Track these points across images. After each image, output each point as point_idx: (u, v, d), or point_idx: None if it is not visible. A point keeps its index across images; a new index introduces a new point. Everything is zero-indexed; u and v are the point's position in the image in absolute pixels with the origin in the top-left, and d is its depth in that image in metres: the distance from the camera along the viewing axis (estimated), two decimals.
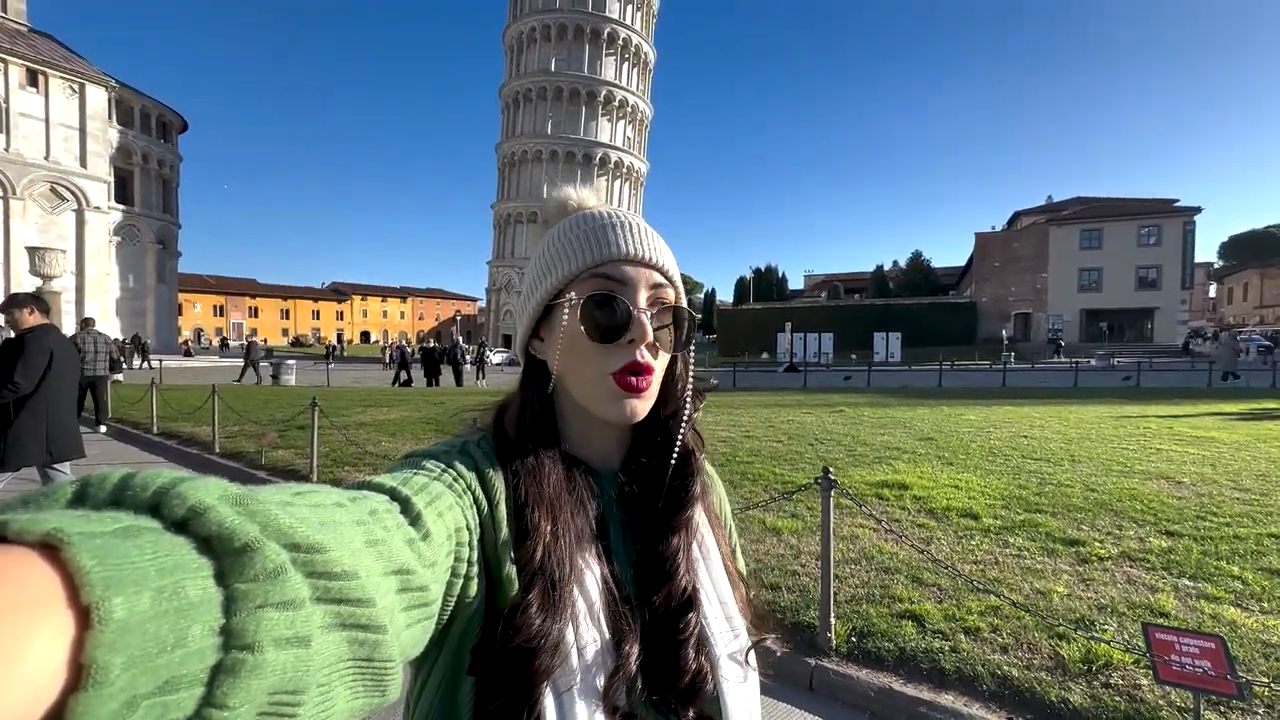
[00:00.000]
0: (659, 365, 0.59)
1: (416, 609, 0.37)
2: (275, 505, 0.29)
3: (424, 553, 0.40)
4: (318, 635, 0.28)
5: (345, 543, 0.32)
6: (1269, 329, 44.02)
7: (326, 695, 0.29)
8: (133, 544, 0.22)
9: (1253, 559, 3.62)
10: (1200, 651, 2.08)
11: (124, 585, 0.21)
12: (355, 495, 0.39)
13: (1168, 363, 28.23)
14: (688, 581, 0.58)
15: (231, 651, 0.24)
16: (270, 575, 0.26)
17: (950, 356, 28.34)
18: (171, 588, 0.22)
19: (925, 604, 3.11)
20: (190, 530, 0.25)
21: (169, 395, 10.94)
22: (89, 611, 0.20)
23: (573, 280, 0.59)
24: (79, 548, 0.20)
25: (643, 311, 0.58)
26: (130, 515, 0.24)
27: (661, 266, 0.61)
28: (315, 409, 6.19)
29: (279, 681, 0.25)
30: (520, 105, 47.69)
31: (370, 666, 0.32)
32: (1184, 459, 6.44)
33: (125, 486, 0.26)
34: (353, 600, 0.30)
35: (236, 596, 0.25)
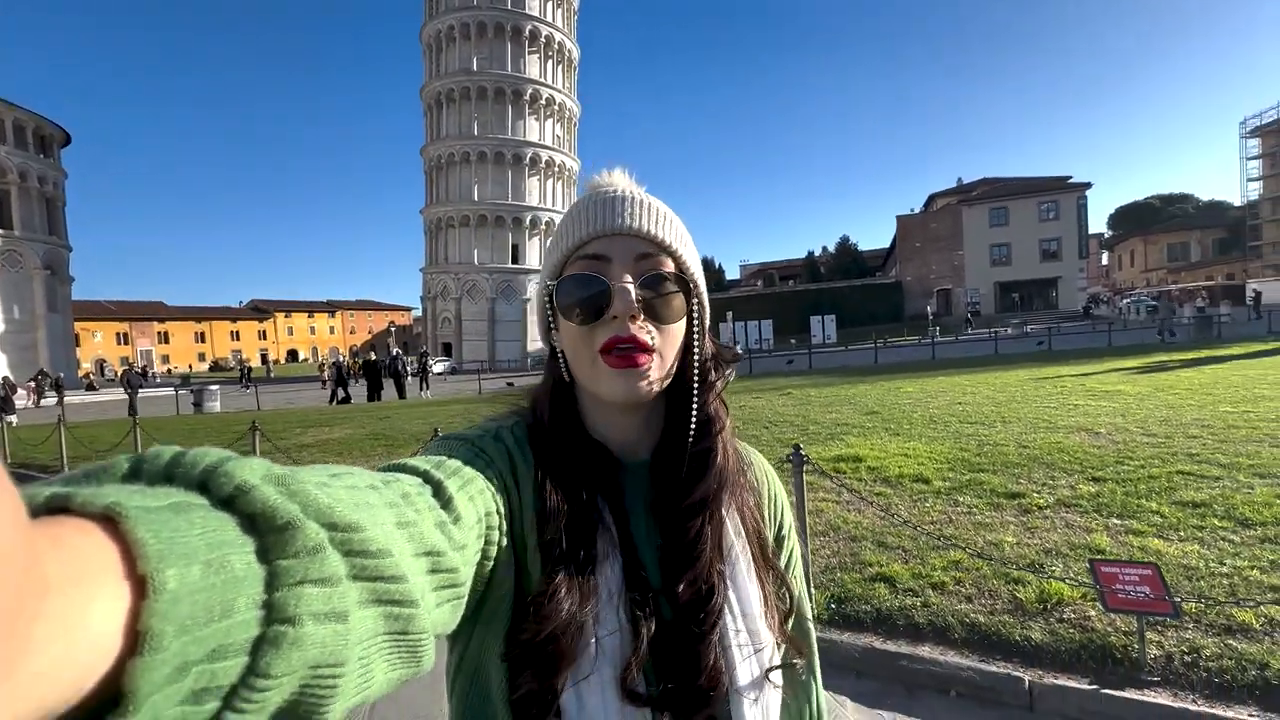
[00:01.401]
0: (661, 338, 0.57)
1: (446, 589, 0.38)
2: (314, 486, 0.30)
3: (454, 535, 0.41)
4: (354, 610, 0.29)
5: (379, 523, 0.33)
6: (1155, 290, 48.73)
7: (366, 667, 0.30)
8: (184, 519, 0.23)
9: (1166, 495, 4.03)
10: (1140, 579, 2.31)
11: (176, 558, 0.22)
12: (389, 478, 0.40)
13: (1073, 327, 30.73)
14: (711, 569, 0.56)
15: (274, 624, 0.25)
16: (310, 552, 0.27)
17: (882, 335, 29.73)
18: (219, 561, 0.23)
19: (893, 565, 3.29)
20: (236, 507, 0.26)
21: (78, 433, 10.02)
22: (144, 581, 0.21)
23: (562, 267, 0.59)
24: (136, 521, 0.21)
25: (624, 285, 0.55)
26: (181, 491, 0.25)
27: (649, 235, 0.58)
28: (256, 433, 5.85)
29: (319, 654, 0.26)
30: (443, 106, 46.22)
31: (405, 639, 0.33)
32: (1098, 412, 7.06)
33: (177, 463, 0.27)
34: (386, 577, 0.31)
35: (278, 572, 0.26)
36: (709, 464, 0.59)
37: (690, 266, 0.61)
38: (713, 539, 0.57)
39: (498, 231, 45.69)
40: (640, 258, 0.58)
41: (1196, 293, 38.58)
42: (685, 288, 0.59)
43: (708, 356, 0.63)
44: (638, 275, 0.57)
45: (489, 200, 45.33)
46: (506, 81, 45.19)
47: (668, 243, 0.59)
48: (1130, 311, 37.48)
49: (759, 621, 0.57)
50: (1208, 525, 3.48)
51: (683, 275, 0.59)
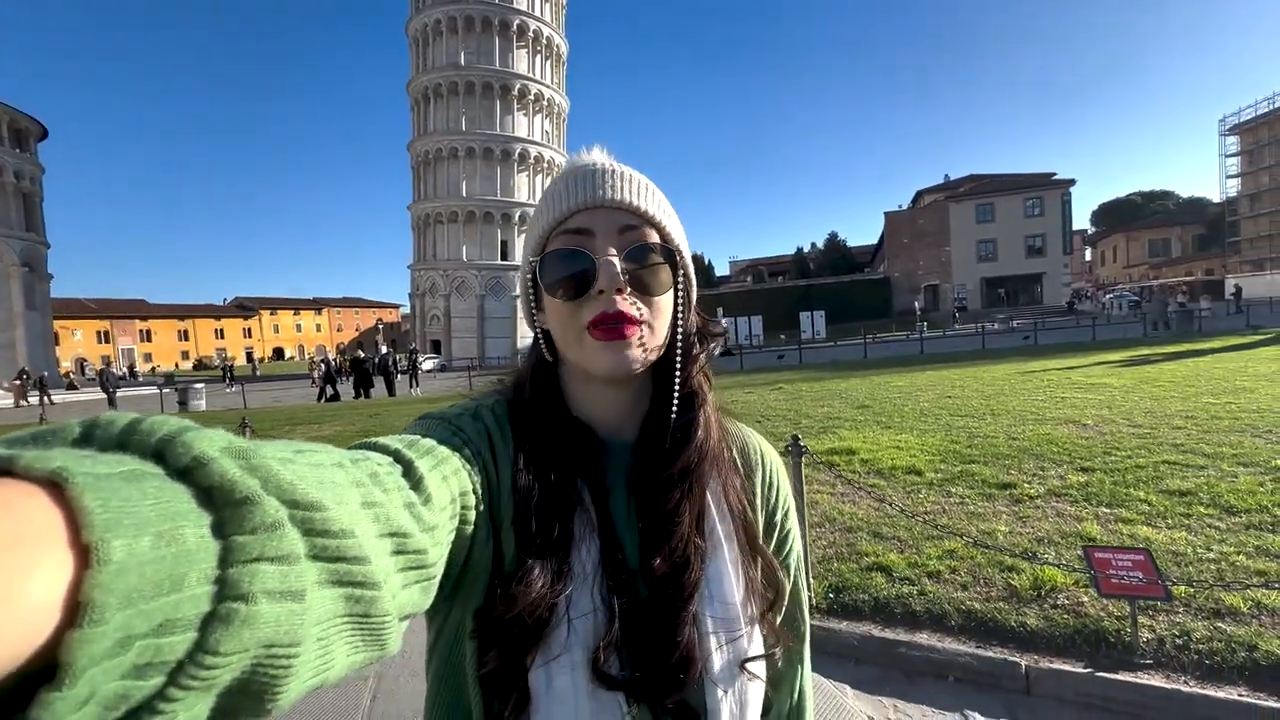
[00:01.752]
0: (650, 310, 0.56)
1: (413, 570, 0.37)
2: (276, 461, 0.29)
3: (423, 517, 0.40)
4: (312, 590, 0.28)
5: (342, 502, 0.32)
6: (1137, 285, 49.52)
7: (325, 648, 0.29)
8: (135, 488, 0.22)
9: (1154, 484, 4.11)
10: (1132, 564, 2.36)
11: (124, 528, 0.21)
12: (357, 456, 0.39)
13: (1057, 321, 31.13)
14: (689, 540, 0.55)
15: (225, 601, 0.24)
16: (267, 529, 0.26)
17: (870, 329, 29.99)
18: (170, 533, 0.23)
19: (889, 555, 3.32)
20: (192, 479, 0.25)
21: None
22: (89, 551, 0.20)
23: (544, 243, 0.58)
24: (83, 488, 0.20)
25: (609, 258, 0.54)
26: (135, 459, 0.24)
27: (631, 206, 0.57)
28: (246, 429, 5.78)
29: (273, 634, 0.26)
30: (431, 101, 45.79)
31: (367, 622, 0.32)
32: (1085, 404, 7.17)
33: (132, 430, 0.26)
34: (348, 558, 0.31)
35: (233, 548, 0.25)
36: (690, 436, 0.58)
37: (675, 237, 0.60)
38: (691, 512, 0.56)
39: (486, 228, 45.40)
40: (624, 230, 0.56)
41: (1177, 288, 39.25)
42: (670, 259, 0.58)
43: (692, 330, 0.62)
44: (622, 248, 0.56)
45: (477, 196, 45.03)
46: (494, 76, 44.85)
47: (651, 214, 0.58)
48: (1113, 306, 38.07)
49: (736, 609, 0.55)
50: (1194, 513, 3.55)
51: (668, 246, 0.58)
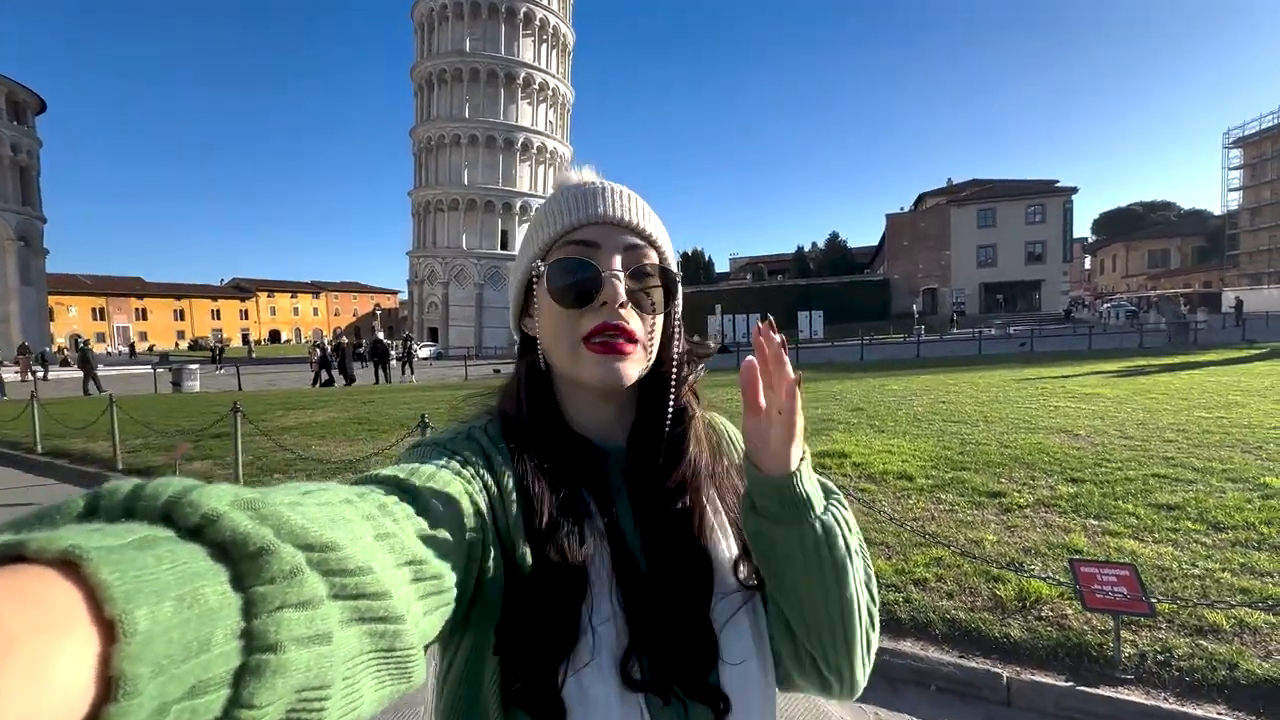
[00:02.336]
0: (644, 328, 0.58)
1: (432, 597, 0.38)
2: (285, 507, 0.29)
3: (435, 542, 0.40)
4: (337, 631, 0.28)
5: (357, 539, 0.32)
6: (1134, 295, 49.66)
7: (353, 687, 0.30)
8: (150, 554, 0.23)
9: (1143, 497, 4.12)
10: (1118, 579, 2.36)
11: (145, 596, 0.21)
12: (363, 490, 0.39)
13: (1054, 329, 31.29)
14: (696, 545, 0.57)
15: (255, 653, 0.24)
16: (287, 576, 0.27)
17: (868, 331, 30.01)
18: (191, 595, 0.23)
19: (877, 561, 3.32)
20: (205, 537, 0.26)
21: (52, 410, 9.79)
22: (113, 625, 0.20)
23: (547, 251, 0.59)
24: (98, 562, 0.20)
25: (615, 273, 0.56)
26: (144, 526, 0.25)
27: (637, 227, 0.59)
28: (238, 414, 5.74)
29: (304, 679, 0.26)
30: (435, 87, 45.49)
31: (392, 656, 0.33)
32: (1078, 414, 7.19)
33: (137, 497, 0.26)
34: (369, 594, 0.31)
35: (255, 599, 0.25)
36: (684, 450, 0.61)
37: (671, 262, 0.62)
38: (692, 518, 0.59)
39: (487, 216, 45.27)
40: (628, 248, 0.59)
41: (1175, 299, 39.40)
42: (667, 282, 0.60)
43: (684, 351, 0.64)
44: (626, 266, 0.58)
45: (479, 184, 44.86)
46: (499, 64, 44.57)
47: (653, 236, 0.61)
48: (1110, 316, 38.20)
49: (740, 592, 0.58)
50: (1181, 528, 3.56)
51: (666, 269, 0.61)
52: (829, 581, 0.53)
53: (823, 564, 0.52)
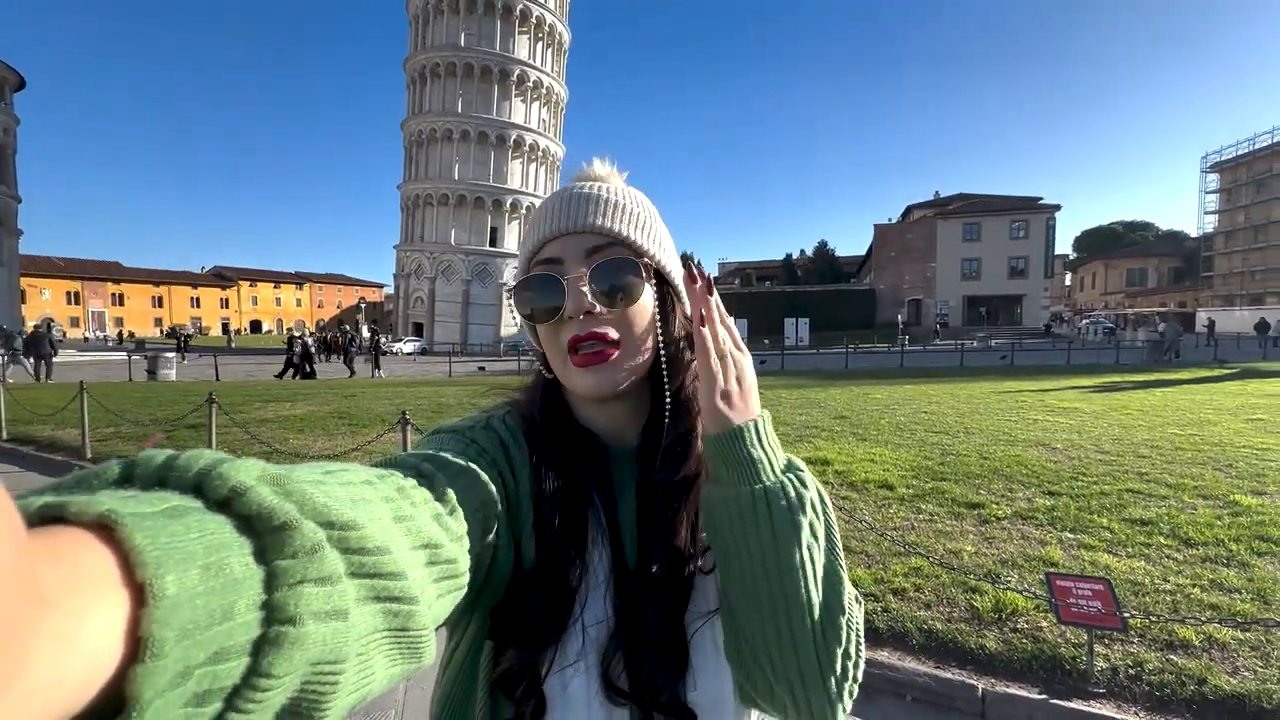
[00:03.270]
0: (625, 326, 0.56)
1: (446, 580, 0.39)
2: (310, 484, 0.30)
3: (451, 527, 0.41)
4: (354, 608, 0.29)
5: (376, 519, 0.33)
6: (1113, 313, 50.72)
7: (366, 663, 0.30)
8: (180, 523, 0.23)
9: (1117, 511, 4.18)
10: (1093, 593, 2.38)
11: (174, 563, 0.22)
12: (383, 473, 0.40)
13: (1034, 343, 31.83)
14: (684, 549, 0.56)
15: (274, 625, 0.25)
16: (308, 552, 0.27)
17: (853, 340, 30.36)
18: (217, 564, 0.24)
19: (856, 570, 3.33)
20: (232, 509, 0.26)
21: (19, 396, 9.52)
22: (143, 588, 0.21)
23: (525, 275, 0.60)
24: (132, 528, 0.21)
25: (576, 282, 0.55)
26: (176, 495, 0.25)
27: (599, 228, 0.57)
28: (213, 405, 5.62)
29: (320, 652, 0.27)
30: (427, 81, 45.10)
31: (405, 636, 0.33)
32: (1056, 427, 7.30)
33: (170, 467, 0.27)
34: (385, 574, 0.32)
35: (277, 573, 0.26)
36: (690, 447, 0.58)
37: (646, 247, 0.59)
38: (688, 520, 0.57)
39: (477, 213, 44.95)
40: (591, 252, 0.57)
41: (1150, 317, 40.27)
42: (640, 269, 0.58)
43: (680, 336, 0.61)
44: (590, 268, 0.57)
45: (469, 180, 44.53)
46: (494, 60, 44.32)
47: (618, 231, 0.58)
48: (1088, 332, 38.97)
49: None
50: (1154, 543, 3.61)
51: (635, 259, 0.58)
52: (769, 548, 0.46)
53: (761, 525, 0.47)
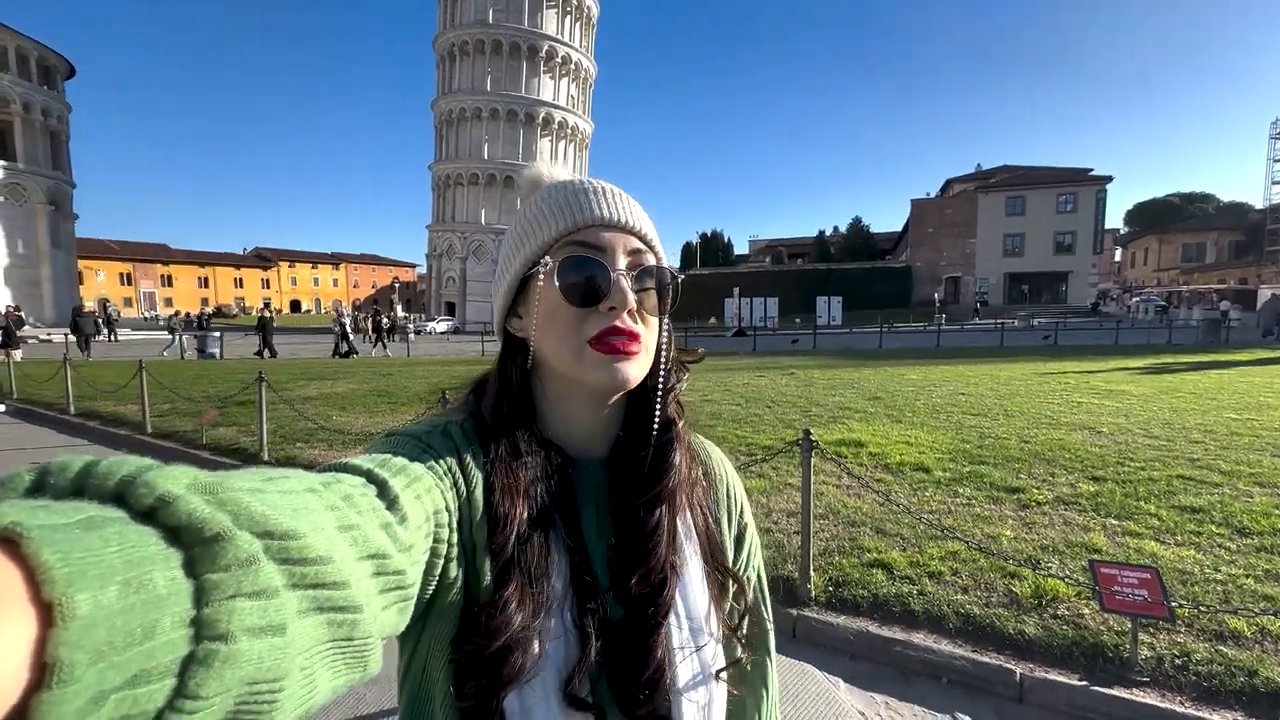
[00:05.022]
0: (646, 331, 0.58)
1: (393, 591, 0.38)
2: (246, 493, 0.28)
3: (400, 536, 0.40)
4: (293, 621, 0.28)
5: (318, 528, 0.31)
6: (1165, 290, 48.28)
7: (309, 677, 0.29)
8: (97, 535, 0.22)
9: (1166, 498, 4.06)
10: (1139, 582, 2.34)
11: (88, 580, 0.20)
12: (329, 479, 0.38)
13: (1079, 322, 30.57)
14: (666, 560, 0.56)
15: (204, 642, 0.23)
16: (242, 564, 0.26)
17: (888, 319, 29.61)
18: (139, 580, 0.22)
19: (891, 553, 3.33)
20: (158, 520, 0.25)
21: (84, 373, 10.08)
22: (52, 608, 0.19)
23: (548, 249, 0.58)
24: (40, 542, 0.20)
25: (623, 275, 0.56)
26: (94, 505, 0.24)
27: (639, 231, 0.59)
28: (262, 384, 5.86)
29: (255, 670, 0.25)
30: (457, 59, 45.06)
31: (350, 645, 0.32)
32: (1101, 410, 7.06)
33: (88, 474, 0.25)
34: (328, 584, 0.30)
35: (207, 587, 0.24)
36: (668, 460, 0.60)
37: (665, 264, 0.62)
38: (668, 532, 0.57)
39: (506, 192, 45.06)
40: (632, 252, 0.58)
41: (1208, 295, 38.18)
42: (665, 286, 0.59)
43: (674, 359, 0.63)
44: (630, 269, 0.57)
45: (499, 159, 44.61)
46: (522, 36, 43.96)
47: (652, 240, 0.61)
48: (1139, 310, 37.20)
49: (702, 621, 0.58)
50: (1205, 531, 3.50)
51: (663, 273, 0.60)
52: None
53: None
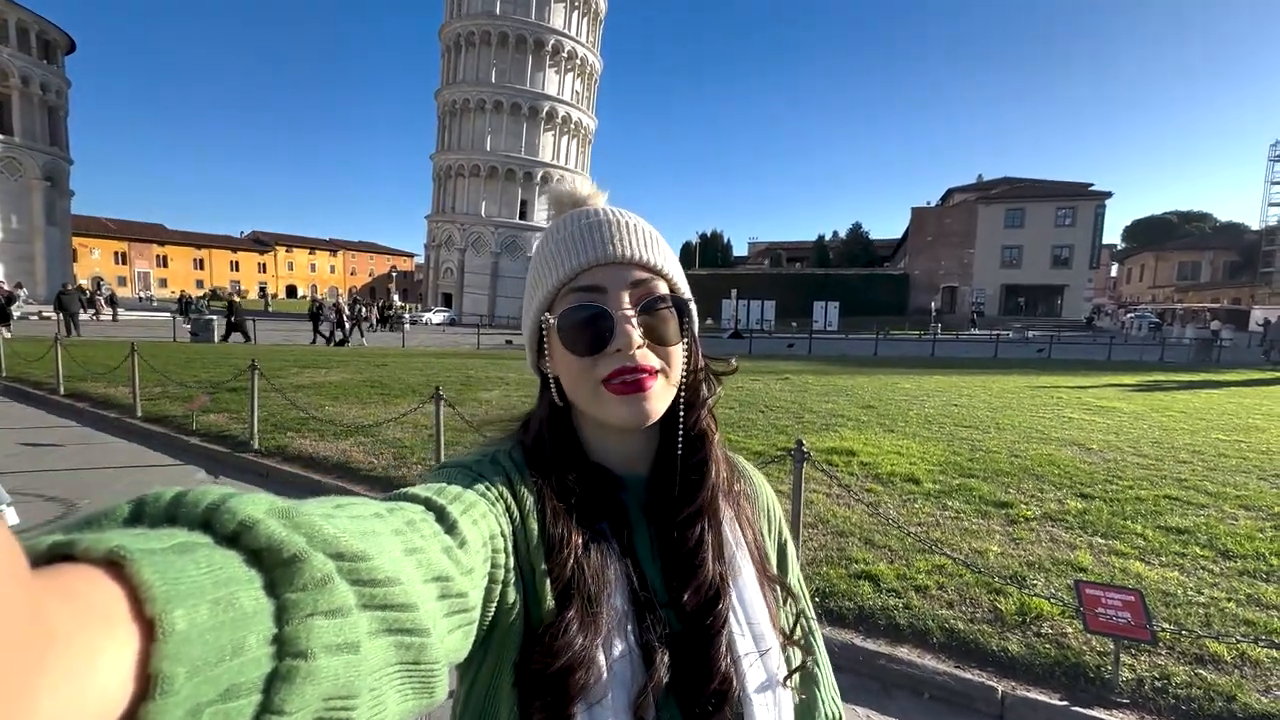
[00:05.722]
0: (664, 360, 0.58)
1: (457, 614, 0.39)
2: (319, 517, 0.30)
3: (461, 560, 0.41)
4: (365, 640, 0.29)
5: (386, 551, 0.33)
6: (1159, 307, 48.60)
7: (378, 698, 0.30)
8: (189, 559, 0.23)
9: (1152, 518, 4.09)
10: (1123, 604, 2.35)
11: (183, 598, 0.22)
12: (392, 506, 0.40)
13: (1074, 336, 30.73)
14: (715, 572, 0.57)
15: (286, 659, 0.25)
16: (318, 584, 0.27)
17: (884, 326, 29.74)
18: (227, 599, 0.24)
19: (879, 565, 3.34)
20: (240, 544, 0.26)
21: (75, 353, 9.99)
22: (153, 624, 0.21)
23: (553, 299, 0.59)
24: (140, 564, 0.21)
25: (626, 316, 0.56)
26: (185, 531, 0.26)
27: (642, 260, 0.58)
28: (255, 371, 5.82)
29: (332, 687, 0.27)
30: (462, 50, 44.82)
31: (418, 669, 0.33)
32: (1092, 427, 7.10)
33: (178, 503, 0.27)
34: (396, 605, 0.32)
35: (287, 606, 0.26)
36: (705, 475, 0.61)
37: (681, 286, 0.62)
38: (713, 544, 0.58)
39: (507, 185, 44.95)
40: (635, 284, 0.58)
41: (1201, 313, 38.44)
42: (679, 309, 0.59)
43: (700, 369, 0.64)
44: (635, 301, 0.57)
45: (501, 152, 44.47)
46: (529, 29, 43.77)
47: (659, 266, 0.60)
48: (1132, 326, 37.43)
49: (763, 626, 0.58)
50: (1189, 553, 3.53)
51: (678, 297, 0.60)
52: None
53: None
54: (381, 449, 5.69)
